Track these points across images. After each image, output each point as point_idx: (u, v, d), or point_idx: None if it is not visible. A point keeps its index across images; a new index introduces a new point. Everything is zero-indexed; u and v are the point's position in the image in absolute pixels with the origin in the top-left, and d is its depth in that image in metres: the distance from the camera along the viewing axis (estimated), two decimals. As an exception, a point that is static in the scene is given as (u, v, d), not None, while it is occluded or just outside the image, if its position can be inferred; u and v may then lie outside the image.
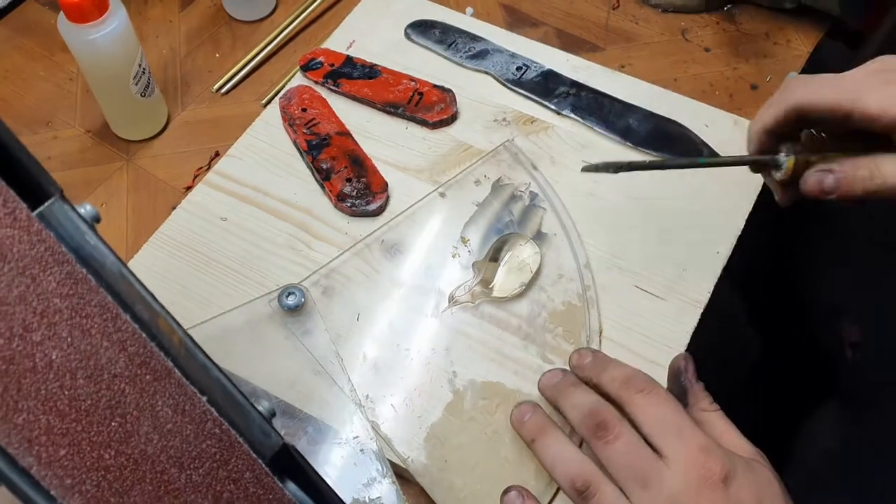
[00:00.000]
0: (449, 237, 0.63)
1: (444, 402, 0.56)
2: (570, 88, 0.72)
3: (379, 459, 0.53)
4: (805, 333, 0.72)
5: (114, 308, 0.30)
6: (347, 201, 0.64)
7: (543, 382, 0.55)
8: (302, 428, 0.55)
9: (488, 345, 0.58)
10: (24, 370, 0.28)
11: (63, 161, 0.73)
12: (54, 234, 0.29)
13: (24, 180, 0.29)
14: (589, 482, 0.48)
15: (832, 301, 0.70)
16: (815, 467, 0.49)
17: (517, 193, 0.65)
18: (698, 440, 0.47)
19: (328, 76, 0.72)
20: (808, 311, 0.72)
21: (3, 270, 0.27)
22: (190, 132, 0.75)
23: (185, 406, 0.31)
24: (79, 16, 0.63)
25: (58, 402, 0.28)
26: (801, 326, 0.73)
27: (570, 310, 0.59)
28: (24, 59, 0.81)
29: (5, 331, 0.27)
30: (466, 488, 0.53)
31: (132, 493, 0.30)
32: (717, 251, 0.62)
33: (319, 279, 0.61)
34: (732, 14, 0.84)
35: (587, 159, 0.67)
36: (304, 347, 0.57)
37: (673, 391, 0.54)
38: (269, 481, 0.33)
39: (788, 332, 0.76)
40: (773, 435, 0.52)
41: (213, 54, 0.81)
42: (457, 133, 0.69)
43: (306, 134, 0.68)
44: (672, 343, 0.57)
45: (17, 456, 0.28)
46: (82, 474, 0.29)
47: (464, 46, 0.75)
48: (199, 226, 0.64)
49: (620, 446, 0.48)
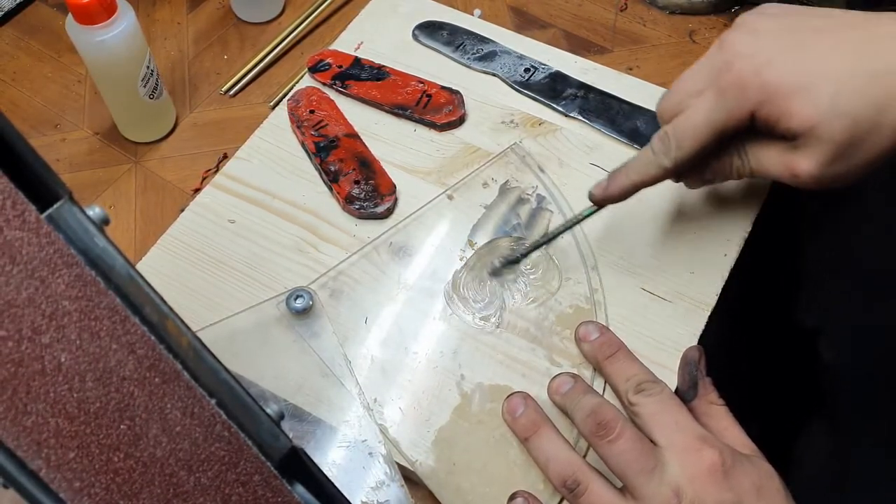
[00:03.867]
0: (457, 240, 0.63)
1: (451, 405, 0.56)
2: (578, 90, 0.72)
3: (387, 462, 0.53)
4: (787, 354, 0.72)
5: (123, 311, 0.30)
6: (355, 203, 0.64)
7: (553, 388, 0.55)
8: (310, 431, 0.54)
9: (496, 347, 0.58)
10: (33, 373, 0.28)
11: (71, 163, 0.73)
12: (63, 236, 0.29)
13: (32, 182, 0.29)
14: (578, 480, 0.48)
15: (813, 322, 0.70)
16: (802, 496, 0.49)
17: (524, 196, 0.65)
18: (696, 430, 0.48)
19: (336, 78, 0.72)
20: (790, 332, 0.72)
21: (13, 273, 0.27)
22: (198, 134, 0.75)
23: (193, 409, 0.31)
24: (87, 17, 0.63)
25: (67, 404, 0.28)
26: (784, 347, 0.73)
27: (578, 312, 0.59)
28: (32, 60, 0.81)
29: (14, 333, 0.27)
30: (474, 491, 0.53)
31: (141, 496, 0.30)
32: (725, 254, 0.62)
33: (327, 281, 0.61)
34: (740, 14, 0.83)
35: (595, 161, 0.67)
36: (311, 350, 0.57)
37: (682, 382, 0.54)
38: (278, 484, 0.33)
39: (772, 352, 0.76)
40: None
41: (221, 56, 0.81)
42: (465, 135, 0.69)
43: (314, 136, 0.68)
44: (679, 346, 0.57)
45: (27, 459, 0.28)
46: (91, 477, 0.29)
47: (472, 48, 0.75)
48: (206, 228, 0.64)
49: (622, 444, 0.48)
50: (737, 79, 0.49)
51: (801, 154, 0.49)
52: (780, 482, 0.47)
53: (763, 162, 0.52)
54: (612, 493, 0.48)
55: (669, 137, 0.52)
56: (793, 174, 0.50)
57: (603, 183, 0.56)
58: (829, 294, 0.70)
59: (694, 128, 0.51)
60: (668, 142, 0.52)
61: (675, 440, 0.47)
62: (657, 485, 0.46)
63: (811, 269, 0.72)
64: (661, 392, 0.50)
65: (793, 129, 0.48)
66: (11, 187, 0.27)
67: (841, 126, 0.46)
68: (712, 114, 0.50)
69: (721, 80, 0.49)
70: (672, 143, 0.52)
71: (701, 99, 0.51)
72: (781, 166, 0.50)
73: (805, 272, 0.72)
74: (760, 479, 0.47)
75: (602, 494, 0.48)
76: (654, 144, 0.53)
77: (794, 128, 0.47)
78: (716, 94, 0.50)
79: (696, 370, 0.53)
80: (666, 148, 0.52)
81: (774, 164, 0.51)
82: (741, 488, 0.46)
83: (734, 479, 0.46)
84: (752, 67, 0.48)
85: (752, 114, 0.49)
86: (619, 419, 0.49)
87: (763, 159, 0.52)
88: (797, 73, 0.47)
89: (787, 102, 0.47)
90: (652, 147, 0.53)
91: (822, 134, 0.47)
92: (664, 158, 0.53)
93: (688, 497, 0.45)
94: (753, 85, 0.48)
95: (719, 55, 0.50)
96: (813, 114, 0.46)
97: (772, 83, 0.47)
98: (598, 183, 0.56)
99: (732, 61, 0.49)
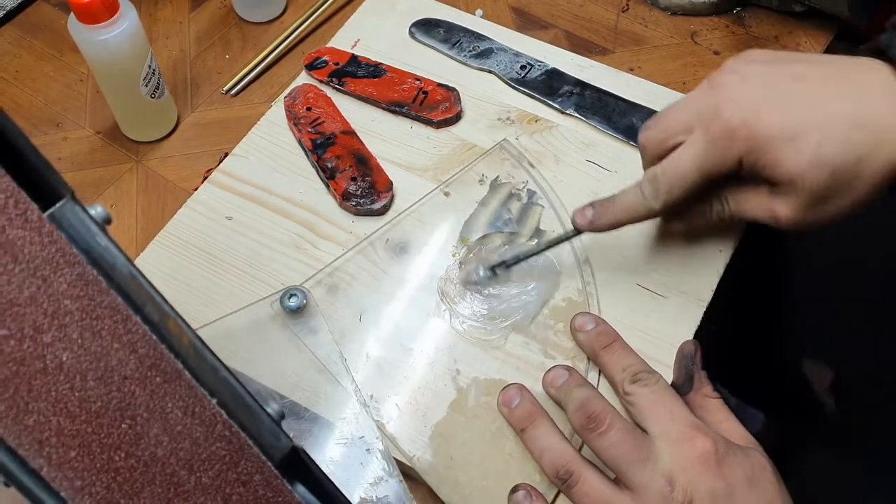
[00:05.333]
0: (452, 236, 0.63)
1: (448, 400, 0.56)
2: (575, 87, 0.72)
3: (385, 458, 0.54)
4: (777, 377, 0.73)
5: (124, 310, 0.30)
6: (352, 200, 0.64)
7: (548, 381, 0.55)
8: (308, 428, 0.55)
9: (490, 342, 0.59)
10: (34, 371, 0.28)
11: (73, 162, 0.73)
12: (65, 235, 0.29)
13: (35, 181, 0.29)
14: (571, 471, 0.49)
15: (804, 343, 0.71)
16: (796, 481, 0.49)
17: (514, 191, 0.65)
18: (689, 419, 0.48)
19: (333, 75, 0.72)
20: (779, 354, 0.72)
21: (15, 271, 0.27)
22: (199, 133, 0.75)
23: (194, 408, 0.31)
24: (89, 17, 0.63)
25: (68, 403, 0.28)
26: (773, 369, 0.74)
27: (571, 305, 0.60)
28: (34, 59, 0.81)
29: (16, 332, 0.27)
30: (472, 485, 0.53)
31: (142, 496, 0.30)
32: (720, 249, 0.62)
33: (324, 278, 0.61)
34: (742, 17, 0.84)
35: (591, 158, 0.67)
36: (307, 349, 0.58)
37: (678, 375, 0.55)
38: (279, 484, 0.33)
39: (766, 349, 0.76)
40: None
41: (223, 56, 0.81)
42: (461, 132, 0.70)
43: (311, 133, 0.68)
44: (674, 341, 0.57)
45: (28, 457, 0.28)
46: (92, 476, 0.29)
47: (468, 45, 0.75)
48: (204, 224, 0.64)
49: (613, 436, 0.48)
50: (726, 127, 0.50)
51: (780, 200, 0.51)
52: (772, 473, 0.48)
53: (743, 206, 0.54)
54: (604, 483, 0.48)
55: (659, 181, 0.53)
56: (773, 217, 0.52)
57: (587, 212, 0.56)
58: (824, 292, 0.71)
59: (684, 173, 0.52)
60: (657, 185, 0.53)
61: (669, 429, 0.48)
62: (650, 474, 0.46)
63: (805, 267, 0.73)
64: (656, 382, 0.51)
65: (776, 177, 0.49)
66: (14, 186, 0.28)
67: (820, 176, 0.47)
68: (702, 160, 0.51)
69: (710, 126, 0.51)
70: (662, 187, 0.53)
71: (689, 143, 0.52)
72: (762, 210, 0.52)
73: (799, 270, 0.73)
74: (753, 470, 0.47)
75: (594, 485, 0.48)
76: (644, 187, 0.54)
77: (778, 177, 0.49)
78: (705, 140, 0.51)
79: (692, 363, 0.54)
80: (655, 192, 0.53)
81: (755, 209, 0.53)
82: (733, 477, 0.46)
83: (726, 468, 0.46)
84: (741, 116, 0.49)
85: (739, 161, 0.50)
86: (608, 411, 0.49)
87: (743, 204, 0.54)
88: (783, 123, 0.48)
89: (774, 152, 0.48)
90: (642, 189, 0.54)
91: (804, 184, 0.48)
92: (653, 202, 0.54)
93: (680, 485, 0.46)
94: (741, 134, 0.49)
95: (708, 97, 0.52)
96: (797, 164, 0.48)
97: (759, 133, 0.49)
98: (582, 211, 0.57)
99: (721, 106, 0.50)
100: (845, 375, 0.69)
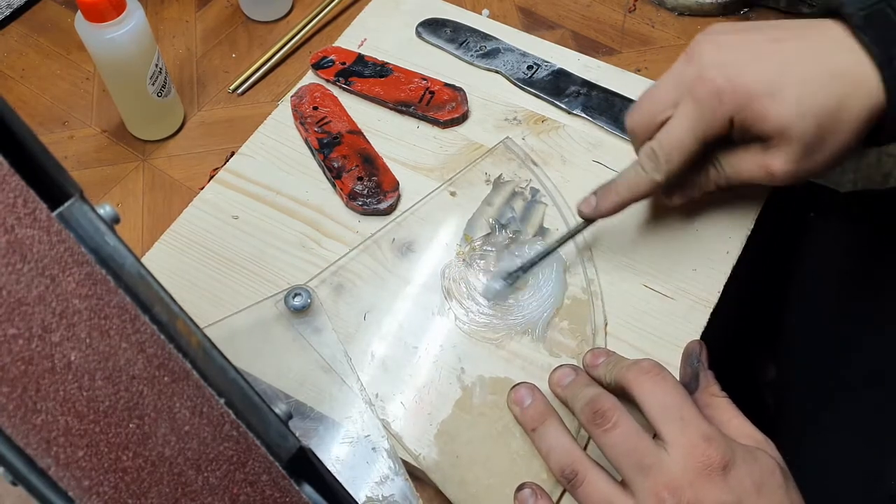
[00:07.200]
0: (457, 235, 0.63)
1: (453, 398, 0.56)
2: (581, 88, 0.72)
3: (391, 457, 0.54)
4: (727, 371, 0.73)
5: (133, 309, 0.30)
6: (358, 200, 0.64)
7: (554, 380, 0.55)
8: (313, 427, 0.55)
9: (495, 341, 0.59)
10: (42, 371, 0.28)
11: (79, 161, 0.73)
12: (74, 234, 0.29)
13: (43, 180, 0.29)
14: (576, 470, 0.49)
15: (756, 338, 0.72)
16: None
17: (518, 190, 0.65)
18: (701, 428, 0.47)
19: (339, 74, 0.72)
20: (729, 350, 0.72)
21: (23, 270, 0.27)
22: (206, 133, 0.75)
23: (202, 408, 0.31)
24: (96, 15, 0.63)
25: (76, 403, 0.28)
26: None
27: (575, 303, 0.60)
28: (40, 57, 0.81)
29: (25, 331, 0.27)
30: (478, 483, 0.53)
31: (149, 495, 0.30)
32: (727, 251, 0.62)
33: (329, 277, 0.61)
34: (749, 17, 0.83)
35: (598, 158, 0.67)
36: (312, 348, 0.58)
37: (684, 374, 0.54)
38: (286, 484, 0.33)
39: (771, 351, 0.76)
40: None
41: (230, 55, 0.81)
42: (468, 132, 0.70)
43: (317, 132, 0.68)
44: (681, 343, 0.57)
45: (36, 457, 0.28)
46: (100, 476, 0.29)
47: (475, 45, 0.75)
48: (210, 224, 0.65)
49: (619, 434, 0.48)
50: (712, 87, 0.52)
51: (774, 154, 0.53)
52: (781, 477, 0.47)
53: (738, 168, 0.55)
54: (610, 485, 0.48)
55: (657, 153, 0.55)
56: (768, 173, 0.53)
57: (591, 200, 0.58)
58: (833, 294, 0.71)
59: (679, 140, 0.53)
60: (656, 157, 0.55)
61: (678, 436, 0.47)
62: (653, 482, 0.46)
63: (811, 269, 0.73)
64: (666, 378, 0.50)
65: (766, 131, 0.52)
66: (23, 185, 0.27)
67: (807, 124, 0.50)
68: (694, 125, 0.53)
69: (696, 90, 0.52)
70: (661, 158, 0.54)
71: (679, 113, 0.53)
72: (757, 168, 0.54)
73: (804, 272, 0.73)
74: (762, 476, 0.46)
75: (599, 486, 0.48)
76: (643, 161, 0.56)
77: (768, 130, 0.51)
78: (694, 104, 0.53)
79: (698, 362, 0.54)
80: (655, 164, 0.55)
81: (749, 168, 0.55)
82: (741, 488, 0.45)
83: (735, 479, 0.45)
84: (724, 74, 0.52)
85: (731, 120, 0.52)
86: (616, 409, 0.49)
87: (737, 165, 0.55)
88: (765, 79, 0.51)
89: (761, 106, 0.51)
90: (641, 164, 0.56)
91: (793, 134, 0.51)
92: (655, 174, 0.55)
93: (686, 498, 0.45)
94: (728, 91, 0.51)
95: (688, 67, 0.54)
96: (783, 115, 0.50)
97: (746, 89, 0.51)
98: (586, 199, 0.59)
99: (704, 71, 0.52)
100: (786, 376, 0.70)
